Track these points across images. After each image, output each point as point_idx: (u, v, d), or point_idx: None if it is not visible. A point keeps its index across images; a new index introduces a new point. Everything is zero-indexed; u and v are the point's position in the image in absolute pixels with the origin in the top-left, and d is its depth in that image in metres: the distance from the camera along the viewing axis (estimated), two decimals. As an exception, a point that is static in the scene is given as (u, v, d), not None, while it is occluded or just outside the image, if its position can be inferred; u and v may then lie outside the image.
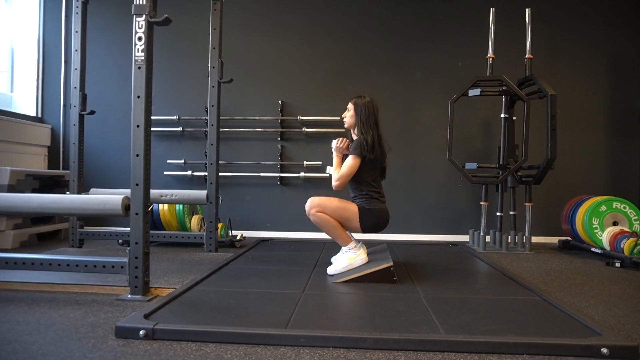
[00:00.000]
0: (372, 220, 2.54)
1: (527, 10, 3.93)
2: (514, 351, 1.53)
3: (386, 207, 2.62)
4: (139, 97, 2.17)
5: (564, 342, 1.54)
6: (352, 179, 2.59)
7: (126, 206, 2.17)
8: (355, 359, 1.48)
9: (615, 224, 3.46)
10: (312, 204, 2.55)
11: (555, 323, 1.80)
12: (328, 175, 2.71)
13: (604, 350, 1.49)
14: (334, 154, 2.66)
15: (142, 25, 2.17)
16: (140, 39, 2.18)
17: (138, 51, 2.17)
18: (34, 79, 4.64)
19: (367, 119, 2.57)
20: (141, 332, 1.62)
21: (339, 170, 2.58)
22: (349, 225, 2.56)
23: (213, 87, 3.41)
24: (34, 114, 4.62)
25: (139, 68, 2.18)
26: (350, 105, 2.65)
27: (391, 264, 2.43)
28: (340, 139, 2.66)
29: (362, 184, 2.58)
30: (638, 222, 3.42)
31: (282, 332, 1.63)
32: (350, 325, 1.79)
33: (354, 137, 2.65)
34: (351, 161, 2.54)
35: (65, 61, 4.62)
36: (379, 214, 2.56)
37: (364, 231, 2.57)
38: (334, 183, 2.58)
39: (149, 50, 2.18)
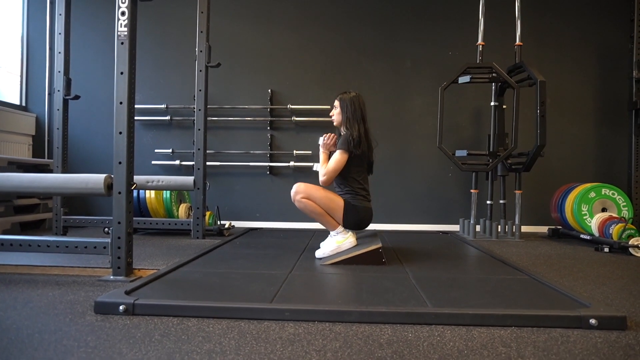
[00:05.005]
0: (355, 217, 2.50)
1: (517, -2, 3.93)
2: (502, 323, 1.50)
3: (370, 206, 2.57)
4: (122, 73, 2.12)
5: (552, 314, 1.52)
6: (339, 175, 2.54)
7: (109, 185, 2.11)
8: (341, 332, 1.45)
9: (604, 210, 3.46)
10: (298, 189, 2.51)
11: (544, 297, 1.78)
12: (314, 171, 2.66)
13: (593, 321, 1.48)
14: (321, 150, 2.60)
15: (125, -1, 2.12)
16: (123, 13, 2.12)
17: (121, 26, 2.12)
18: (18, 66, 4.54)
19: (354, 114, 2.54)
20: (121, 308, 1.57)
21: (325, 165, 2.53)
22: (335, 214, 2.51)
23: (200, 71, 3.36)
24: (17, 102, 4.52)
25: (122, 43, 2.12)
26: (336, 103, 2.63)
27: (380, 245, 2.41)
28: (328, 135, 2.61)
29: (348, 180, 2.54)
30: (626, 208, 3.42)
31: (266, 306, 1.59)
32: (336, 300, 1.76)
33: (343, 134, 2.61)
34: (338, 156, 2.49)
35: (50, 48, 4.54)
36: (363, 212, 2.52)
37: (345, 227, 2.52)
38: (321, 179, 2.53)
39: (132, 25, 2.13)
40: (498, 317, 1.51)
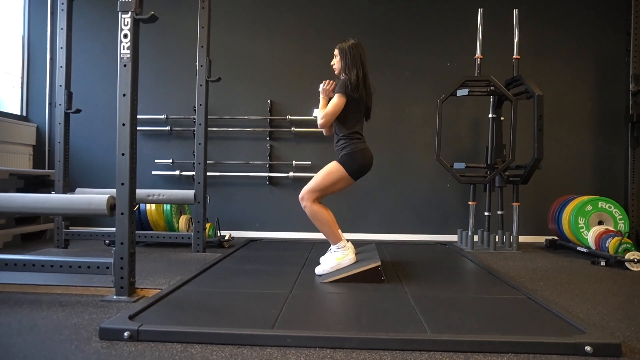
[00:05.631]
0: (354, 164, 2.56)
1: (515, 11, 3.96)
2: (499, 350, 1.53)
3: (366, 147, 2.64)
4: (124, 95, 2.15)
5: (548, 341, 1.55)
6: (337, 120, 2.61)
7: (111, 206, 2.14)
8: (341, 359, 1.48)
9: (600, 223, 3.50)
10: (303, 194, 2.58)
11: (541, 321, 1.81)
12: (314, 118, 2.72)
13: (588, 348, 1.51)
14: (321, 95, 2.69)
15: (127, 22, 2.15)
16: (125, 36, 2.15)
17: (124, 49, 2.15)
18: (19, 76, 4.56)
19: (353, 60, 2.59)
20: (125, 334, 1.60)
21: (324, 110, 2.61)
22: (342, 183, 2.57)
23: (201, 86, 3.39)
24: (18, 113, 4.54)
25: (125, 66, 2.15)
26: (336, 51, 2.69)
27: (379, 263, 2.43)
28: (327, 81, 2.69)
29: (345, 124, 2.60)
30: (623, 221, 3.46)
31: (268, 333, 1.62)
32: (337, 325, 1.79)
33: (341, 79, 2.67)
34: (336, 100, 2.56)
35: (51, 59, 4.55)
36: (360, 155, 2.58)
37: (355, 177, 2.58)
38: (320, 121, 2.62)
39: (134, 47, 2.16)
40: (495, 344, 1.54)
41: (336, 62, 2.69)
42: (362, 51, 2.63)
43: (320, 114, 2.62)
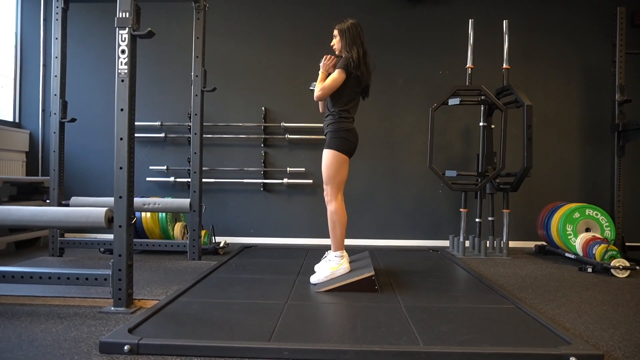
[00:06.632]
0: (342, 141, 2.62)
1: (505, 22, 4.05)
2: (488, 361, 1.59)
3: (352, 127, 2.70)
4: (122, 110, 2.18)
5: (535, 352, 1.62)
6: (333, 94, 2.67)
7: (109, 219, 2.17)
8: (337, 371, 1.53)
9: (588, 230, 3.59)
10: (325, 192, 2.66)
11: (529, 332, 1.87)
12: (310, 89, 2.79)
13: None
14: (320, 70, 2.75)
15: (125, 38, 2.18)
16: (123, 52, 2.18)
17: (121, 64, 2.18)
18: (11, 83, 4.56)
19: (352, 38, 2.67)
20: (126, 347, 1.64)
21: (322, 84, 2.68)
22: (343, 166, 2.63)
23: (196, 95, 3.42)
24: (11, 119, 4.54)
25: (122, 81, 2.18)
26: (335, 32, 2.75)
27: (372, 273, 2.49)
28: (328, 56, 2.75)
29: (338, 101, 2.66)
30: (609, 228, 3.55)
31: (266, 346, 1.66)
32: (332, 337, 1.84)
33: (343, 56, 2.73)
34: (336, 75, 2.63)
35: (44, 65, 4.56)
36: (345, 133, 2.63)
37: (348, 154, 2.65)
38: (317, 94, 2.68)
39: (132, 63, 2.19)
40: (484, 356, 1.60)
41: (336, 42, 2.75)
42: (360, 30, 2.71)
43: (318, 87, 2.69)
